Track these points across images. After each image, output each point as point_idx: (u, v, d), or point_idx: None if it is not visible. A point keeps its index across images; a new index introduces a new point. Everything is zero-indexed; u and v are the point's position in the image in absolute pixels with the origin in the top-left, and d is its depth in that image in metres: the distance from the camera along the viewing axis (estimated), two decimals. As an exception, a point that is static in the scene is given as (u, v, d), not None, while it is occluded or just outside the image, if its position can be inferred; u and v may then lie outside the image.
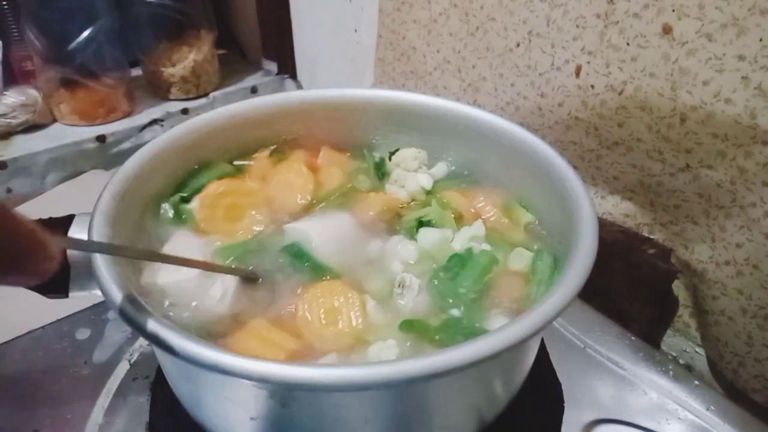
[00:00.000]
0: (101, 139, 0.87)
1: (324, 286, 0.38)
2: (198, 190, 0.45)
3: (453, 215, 0.44)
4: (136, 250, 0.38)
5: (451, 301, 0.38)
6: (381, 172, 0.50)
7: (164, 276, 0.38)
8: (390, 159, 0.50)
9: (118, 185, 0.39)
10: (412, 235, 0.43)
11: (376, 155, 0.52)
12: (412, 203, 0.47)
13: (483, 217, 0.45)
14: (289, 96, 0.53)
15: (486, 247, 0.42)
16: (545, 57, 0.54)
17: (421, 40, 0.69)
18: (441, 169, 0.50)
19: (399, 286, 0.39)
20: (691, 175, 0.47)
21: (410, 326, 0.36)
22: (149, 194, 0.43)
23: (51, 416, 0.44)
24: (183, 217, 0.43)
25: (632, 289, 0.55)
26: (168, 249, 0.40)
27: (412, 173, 0.48)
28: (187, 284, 0.37)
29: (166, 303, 0.37)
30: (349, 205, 0.46)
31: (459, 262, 0.40)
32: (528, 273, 0.41)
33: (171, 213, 0.43)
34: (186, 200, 0.45)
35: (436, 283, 0.39)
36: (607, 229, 0.55)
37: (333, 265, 0.40)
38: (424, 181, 0.47)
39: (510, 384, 0.38)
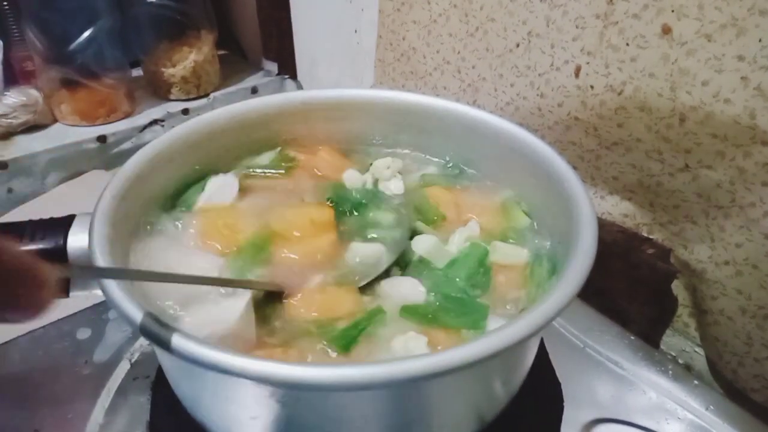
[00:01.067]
0: (102, 139, 0.87)
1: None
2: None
3: (435, 216, 0.45)
4: (146, 273, 0.36)
5: (446, 292, 0.39)
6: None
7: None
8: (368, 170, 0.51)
9: (118, 185, 0.39)
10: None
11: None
12: None
13: (474, 215, 0.45)
14: (290, 96, 0.53)
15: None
16: (545, 57, 0.54)
17: (421, 40, 0.69)
18: (417, 175, 0.51)
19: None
20: (691, 175, 0.47)
21: (410, 312, 0.37)
22: (150, 194, 0.43)
23: (52, 416, 0.44)
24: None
25: (631, 289, 0.55)
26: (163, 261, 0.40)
27: (384, 182, 0.49)
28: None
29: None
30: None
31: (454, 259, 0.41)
32: (523, 269, 0.41)
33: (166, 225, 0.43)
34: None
35: (430, 276, 0.40)
36: (606, 229, 0.55)
37: None
38: (395, 187, 0.48)
39: (510, 383, 0.38)
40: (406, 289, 0.39)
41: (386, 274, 0.40)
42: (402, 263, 0.41)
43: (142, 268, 0.38)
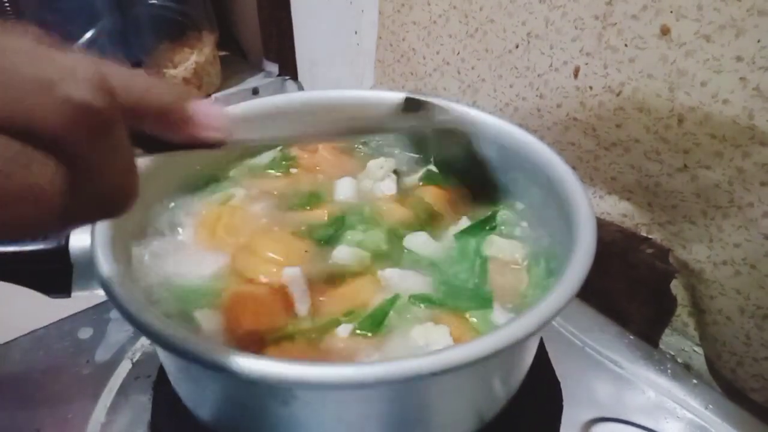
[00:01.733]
0: (103, 140, 0.87)
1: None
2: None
3: (429, 214, 0.46)
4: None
5: (449, 281, 0.40)
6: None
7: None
8: None
9: (120, 186, 0.39)
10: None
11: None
12: None
13: (466, 213, 0.46)
14: (290, 97, 0.53)
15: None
16: (544, 58, 0.54)
17: (421, 41, 0.69)
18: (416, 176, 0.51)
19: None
20: (689, 175, 0.47)
21: (420, 299, 0.38)
22: (151, 194, 0.43)
23: (53, 415, 0.44)
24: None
25: (631, 289, 0.55)
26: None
27: (378, 182, 0.49)
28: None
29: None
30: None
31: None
32: (520, 266, 0.42)
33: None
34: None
35: (431, 270, 0.41)
36: (605, 229, 0.55)
37: None
38: (387, 188, 0.48)
39: (509, 383, 0.38)
40: (412, 281, 0.40)
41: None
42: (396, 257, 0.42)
43: (143, 269, 0.38)
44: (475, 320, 0.37)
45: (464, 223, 0.45)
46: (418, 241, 0.43)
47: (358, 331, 0.36)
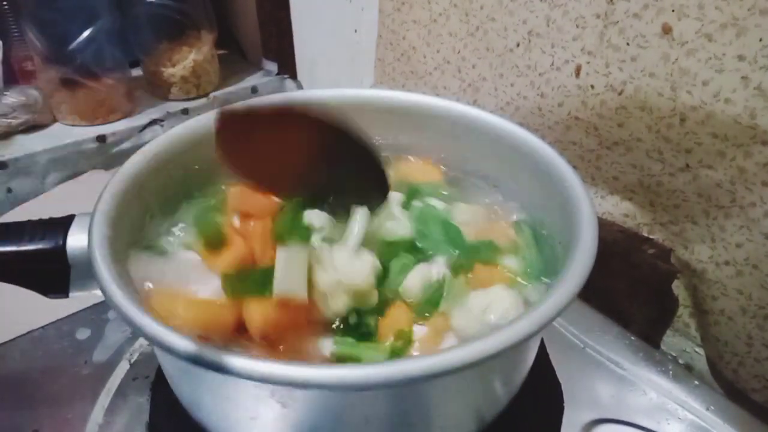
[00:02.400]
0: (101, 139, 0.87)
1: None
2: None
3: None
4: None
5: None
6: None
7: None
8: None
9: (118, 185, 0.39)
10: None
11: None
12: None
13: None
14: (289, 96, 0.53)
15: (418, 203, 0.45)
16: (545, 57, 0.54)
17: (421, 40, 0.69)
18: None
19: None
20: (691, 175, 0.47)
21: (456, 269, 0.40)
22: (150, 194, 0.43)
23: (51, 416, 0.44)
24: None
25: (632, 289, 0.55)
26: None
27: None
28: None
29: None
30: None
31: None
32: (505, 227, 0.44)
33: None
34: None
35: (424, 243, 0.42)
36: (606, 229, 0.55)
37: None
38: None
39: (510, 384, 0.38)
40: (436, 269, 0.40)
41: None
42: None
43: (137, 274, 0.38)
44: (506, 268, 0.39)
45: (396, 196, 0.44)
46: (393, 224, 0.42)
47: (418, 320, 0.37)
